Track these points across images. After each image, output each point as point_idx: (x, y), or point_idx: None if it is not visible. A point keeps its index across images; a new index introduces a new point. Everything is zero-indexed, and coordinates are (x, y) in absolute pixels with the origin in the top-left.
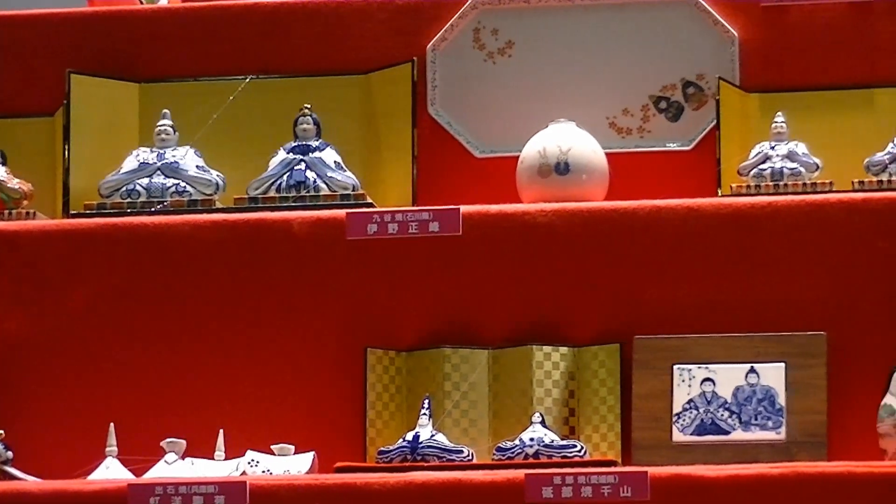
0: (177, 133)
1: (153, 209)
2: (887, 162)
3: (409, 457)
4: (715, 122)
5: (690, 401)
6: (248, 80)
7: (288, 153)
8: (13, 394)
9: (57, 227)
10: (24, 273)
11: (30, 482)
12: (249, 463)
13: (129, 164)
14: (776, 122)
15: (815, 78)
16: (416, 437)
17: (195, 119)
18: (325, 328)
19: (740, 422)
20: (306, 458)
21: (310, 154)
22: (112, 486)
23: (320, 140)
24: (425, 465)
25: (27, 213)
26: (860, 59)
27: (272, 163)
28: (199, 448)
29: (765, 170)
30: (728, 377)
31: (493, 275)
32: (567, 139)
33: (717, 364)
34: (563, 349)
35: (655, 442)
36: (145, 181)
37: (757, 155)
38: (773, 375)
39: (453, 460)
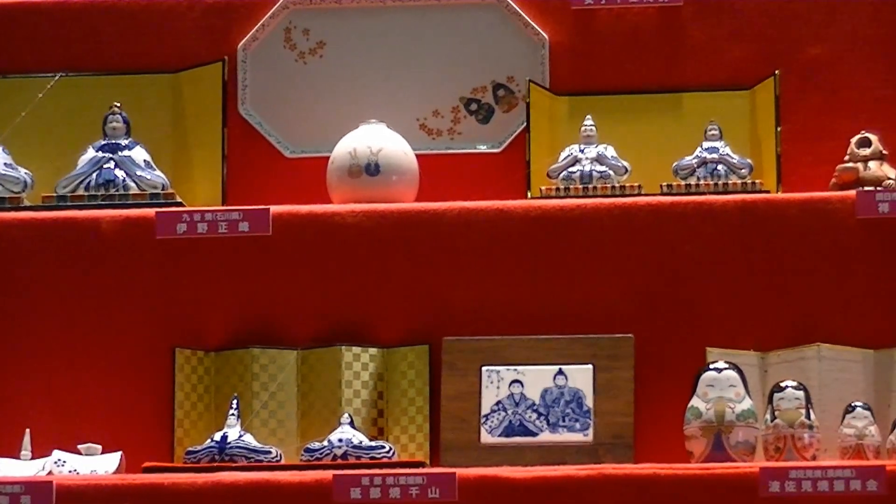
0: None
1: None
2: (695, 166)
3: (216, 457)
4: (525, 124)
5: (498, 402)
6: (57, 77)
7: (97, 151)
8: None
9: None
10: None
11: None
12: (56, 463)
13: None
14: (585, 125)
15: (624, 81)
16: (224, 437)
17: (3, 116)
18: (134, 327)
19: (548, 423)
20: (113, 458)
21: (119, 152)
22: None
23: (130, 139)
24: (233, 465)
25: None
26: (669, 63)
27: (81, 161)
28: (5, 447)
29: (574, 172)
30: (536, 379)
31: (303, 275)
32: (377, 140)
33: (525, 366)
34: (372, 350)
35: (463, 443)
36: None
37: (566, 158)
38: (580, 377)
39: (261, 461)
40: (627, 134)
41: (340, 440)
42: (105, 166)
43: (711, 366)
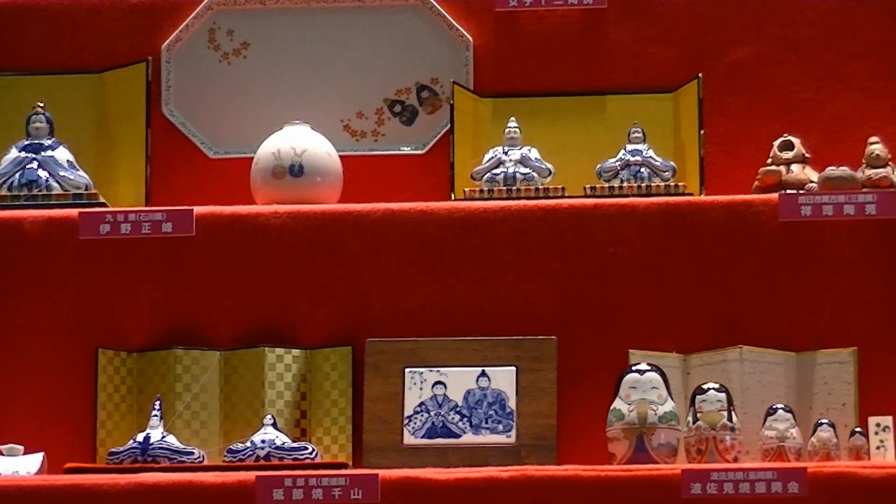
0: None
1: None
2: (618, 168)
3: (139, 458)
4: (449, 126)
5: (421, 404)
6: None
7: (20, 151)
8: None
9: None
10: None
11: None
12: None
13: None
14: (509, 126)
15: (547, 84)
16: (147, 438)
17: None
18: (57, 328)
19: (471, 425)
20: (36, 459)
21: (42, 153)
22: None
23: (53, 139)
24: (156, 466)
25: None
26: (592, 66)
27: (4, 161)
28: None
29: (498, 174)
30: (459, 380)
31: (226, 276)
32: (301, 141)
33: (448, 367)
34: (295, 351)
35: (386, 444)
36: None
37: (490, 160)
38: (503, 379)
39: (184, 462)
40: (551, 136)
41: (263, 441)
42: (28, 166)
43: (634, 368)
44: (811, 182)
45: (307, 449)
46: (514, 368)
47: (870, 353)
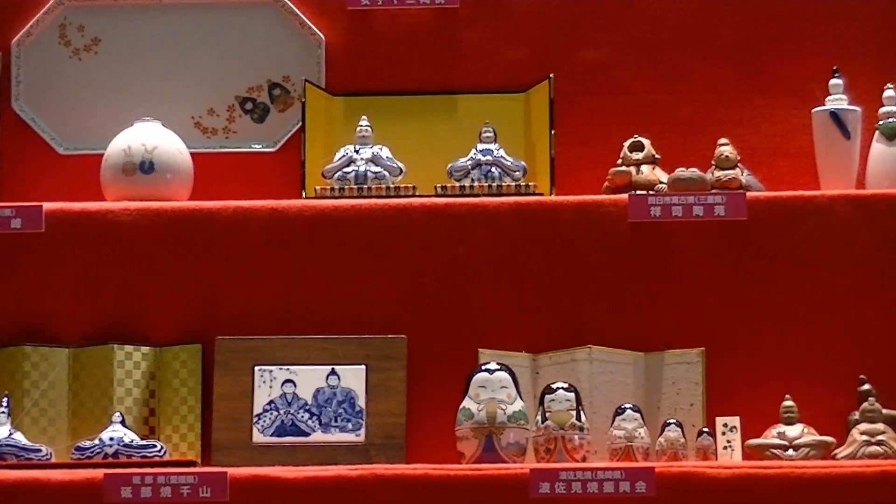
0: None
1: None
2: (469, 167)
3: None
4: (300, 124)
5: (271, 402)
6: None
7: None
8: None
9: None
10: None
11: None
12: None
13: None
14: (361, 125)
15: (399, 82)
16: None
17: None
18: None
19: (320, 423)
20: None
21: None
22: None
23: None
24: (3, 463)
25: None
26: (444, 65)
27: None
28: None
29: (349, 173)
30: (309, 379)
31: (76, 273)
32: (152, 138)
33: (298, 366)
34: (145, 349)
35: (235, 443)
36: None
37: (341, 158)
38: (353, 378)
39: (31, 459)
40: (403, 135)
41: (111, 439)
42: None
43: (483, 367)
44: (661, 183)
45: (156, 447)
46: (363, 367)
47: (717, 354)
